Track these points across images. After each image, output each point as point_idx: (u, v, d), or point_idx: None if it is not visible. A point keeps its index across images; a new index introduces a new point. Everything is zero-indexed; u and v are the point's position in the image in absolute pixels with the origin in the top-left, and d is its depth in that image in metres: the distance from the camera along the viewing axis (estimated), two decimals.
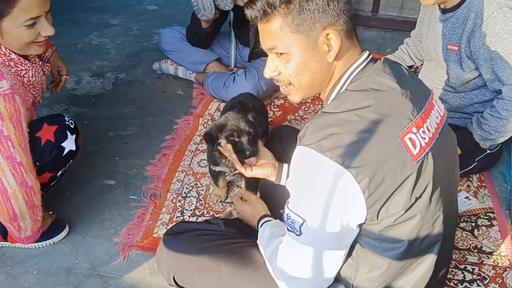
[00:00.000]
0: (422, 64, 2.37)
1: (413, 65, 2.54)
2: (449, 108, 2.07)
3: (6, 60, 1.50)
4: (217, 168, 1.83)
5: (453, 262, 1.72)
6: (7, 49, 1.49)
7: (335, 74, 1.13)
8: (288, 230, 1.12)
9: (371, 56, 1.15)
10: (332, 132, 1.01)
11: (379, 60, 1.14)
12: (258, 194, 1.77)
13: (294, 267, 1.14)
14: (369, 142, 1.00)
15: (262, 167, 1.56)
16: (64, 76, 1.94)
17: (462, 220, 1.91)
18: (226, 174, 1.91)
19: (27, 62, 1.56)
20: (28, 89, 1.59)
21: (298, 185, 1.08)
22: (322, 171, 1.01)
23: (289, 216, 1.10)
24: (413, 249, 1.11)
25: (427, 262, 1.16)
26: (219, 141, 1.64)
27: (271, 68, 1.16)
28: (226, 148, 1.61)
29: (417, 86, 1.15)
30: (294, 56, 1.10)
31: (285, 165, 1.54)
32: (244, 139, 1.59)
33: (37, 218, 1.63)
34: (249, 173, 1.57)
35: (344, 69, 1.12)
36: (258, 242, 1.35)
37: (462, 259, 1.75)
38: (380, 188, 1.00)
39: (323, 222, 1.04)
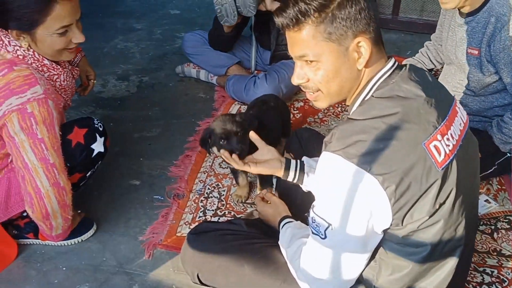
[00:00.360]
0: (442, 67, 2.38)
1: (433, 68, 2.55)
2: (469, 111, 2.08)
3: (39, 65, 1.57)
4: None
5: (472, 265, 1.74)
6: (40, 56, 1.56)
7: (362, 81, 1.15)
8: (313, 233, 1.14)
9: (397, 63, 1.16)
10: (359, 139, 1.03)
11: (405, 67, 1.15)
12: (277, 194, 1.80)
13: (317, 268, 1.17)
14: (396, 149, 1.03)
15: (268, 163, 1.56)
16: (92, 80, 2.01)
17: (481, 223, 1.92)
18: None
19: (58, 67, 1.63)
20: (59, 93, 1.66)
21: (324, 190, 1.10)
22: (348, 178, 1.03)
23: (314, 220, 1.12)
24: (436, 253, 1.14)
25: (449, 265, 1.18)
26: (211, 149, 1.76)
27: (300, 76, 1.16)
28: (222, 154, 1.69)
29: (441, 93, 1.18)
30: (325, 63, 1.11)
31: (293, 161, 1.55)
32: (233, 140, 1.67)
33: (67, 217, 1.70)
34: (254, 169, 1.57)
35: (370, 76, 1.14)
36: (279, 243, 1.38)
37: (481, 262, 1.76)
38: (405, 195, 1.03)
39: (348, 227, 1.06)
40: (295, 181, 1.55)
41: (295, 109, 2.64)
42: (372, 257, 1.17)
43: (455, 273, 1.20)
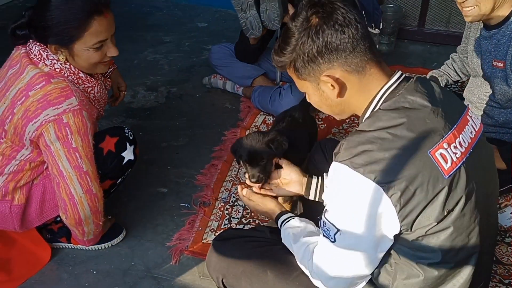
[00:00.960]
0: (468, 79, 2.37)
1: (459, 80, 2.55)
2: (495, 123, 2.07)
3: (75, 78, 1.64)
4: None
5: (497, 277, 1.73)
6: (76, 69, 1.63)
7: (367, 96, 1.19)
8: (324, 235, 1.20)
9: (403, 75, 1.20)
10: (365, 149, 1.08)
11: (411, 79, 1.19)
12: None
13: (329, 268, 1.21)
14: (401, 158, 1.06)
15: (288, 186, 1.63)
16: (123, 92, 2.09)
17: (507, 235, 1.90)
18: None
19: (93, 79, 1.71)
20: (93, 103, 1.74)
21: (333, 198, 1.16)
22: (354, 187, 1.08)
23: (325, 224, 1.18)
24: (449, 260, 1.15)
25: (465, 273, 1.19)
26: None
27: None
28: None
29: (450, 103, 1.20)
30: (309, 95, 1.28)
31: (313, 182, 1.60)
32: (254, 168, 1.62)
33: (99, 223, 1.77)
34: (277, 192, 1.65)
35: (374, 90, 1.18)
36: (283, 241, 1.43)
37: (506, 274, 1.74)
38: (411, 202, 1.06)
39: (356, 232, 1.11)
40: (316, 199, 1.60)
41: (319, 119, 2.67)
42: (387, 261, 1.19)
43: (473, 282, 1.20)
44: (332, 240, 1.16)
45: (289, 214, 1.52)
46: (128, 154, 1.82)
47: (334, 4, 1.15)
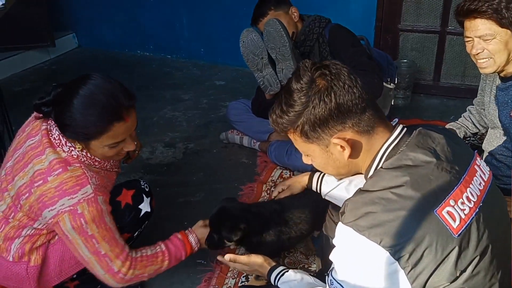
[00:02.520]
0: (486, 131, 2.35)
1: (477, 132, 2.52)
2: None
3: (91, 162, 1.63)
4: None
5: None
6: (92, 155, 1.62)
7: (370, 154, 1.18)
8: None
9: (404, 129, 1.18)
10: (369, 210, 1.05)
11: (414, 132, 1.16)
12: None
13: None
14: (406, 219, 1.03)
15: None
16: (137, 152, 2.10)
17: None
18: None
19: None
20: (111, 170, 1.74)
21: (340, 259, 1.13)
22: (360, 251, 1.05)
23: (332, 283, 1.15)
24: None
25: None
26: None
27: (308, 161, 1.29)
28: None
29: (455, 154, 1.15)
30: (314, 158, 1.24)
31: (316, 174, 1.70)
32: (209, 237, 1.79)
33: (143, 278, 1.72)
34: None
35: (377, 147, 1.17)
36: None
37: None
38: (420, 264, 1.02)
39: None
40: (316, 191, 1.75)
41: None
42: None
43: None
44: None
45: (281, 268, 1.48)
46: (145, 206, 1.82)
47: (337, 65, 1.15)
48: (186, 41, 4.43)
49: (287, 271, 1.46)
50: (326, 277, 1.22)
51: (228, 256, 1.63)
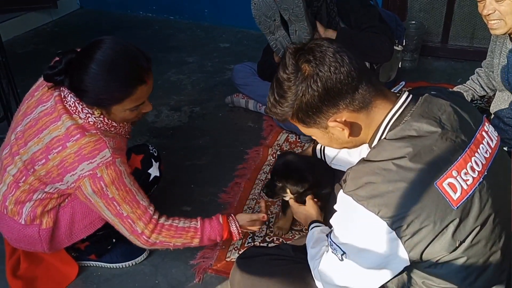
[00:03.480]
0: (494, 94, 2.33)
1: (485, 95, 2.50)
2: None
3: (108, 127, 1.64)
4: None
5: None
6: (109, 120, 1.63)
7: (373, 125, 1.16)
8: (332, 252, 1.19)
9: (409, 97, 1.15)
10: (369, 180, 1.05)
11: (420, 99, 1.14)
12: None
13: (332, 278, 1.22)
14: (406, 191, 1.03)
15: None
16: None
17: None
18: None
19: (125, 123, 1.72)
20: (124, 135, 1.75)
21: (339, 224, 1.16)
22: (358, 219, 1.07)
23: (331, 244, 1.18)
24: (467, 286, 1.12)
25: None
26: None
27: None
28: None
29: (462, 122, 1.13)
30: (317, 138, 1.25)
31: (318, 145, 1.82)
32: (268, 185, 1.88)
33: (169, 245, 1.73)
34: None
35: (379, 119, 1.15)
36: (306, 241, 1.46)
37: None
38: (418, 235, 1.04)
39: (361, 261, 1.12)
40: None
41: None
42: (404, 284, 1.18)
43: None
44: (340, 259, 1.16)
45: (322, 223, 1.55)
46: (154, 171, 1.84)
47: (321, 46, 1.11)
48: (189, 2, 4.33)
49: (324, 227, 1.53)
50: (327, 237, 1.25)
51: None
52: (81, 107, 1.58)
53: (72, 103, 1.58)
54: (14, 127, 1.69)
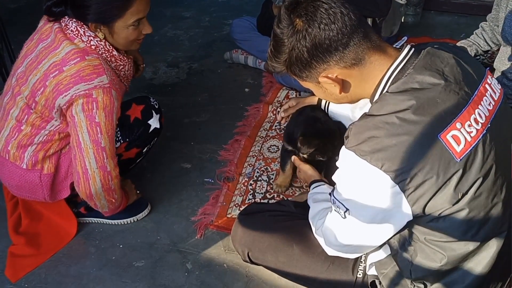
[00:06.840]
0: (498, 49, 2.29)
1: (489, 50, 2.46)
2: None
3: (108, 56, 1.65)
4: (290, 147, 1.89)
5: None
6: (111, 46, 1.65)
7: (374, 80, 1.14)
8: (334, 210, 1.20)
9: (412, 51, 1.13)
10: (372, 135, 1.05)
11: (422, 52, 1.12)
12: None
13: (337, 236, 1.24)
14: (409, 144, 1.02)
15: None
16: (142, 65, 2.07)
17: None
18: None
19: (125, 58, 1.72)
20: (122, 81, 1.75)
21: (342, 181, 1.16)
22: (361, 174, 1.07)
23: (334, 202, 1.19)
24: (469, 239, 1.13)
25: (490, 251, 1.16)
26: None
27: None
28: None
29: (465, 74, 1.11)
30: (313, 91, 1.25)
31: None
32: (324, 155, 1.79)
33: (111, 200, 1.76)
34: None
35: (378, 74, 1.13)
36: (308, 196, 1.49)
37: None
38: (421, 188, 1.04)
39: (365, 216, 1.13)
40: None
41: None
42: (406, 239, 1.19)
43: (505, 260, 1.18)
44: (343, 216, 1.17)
45: (323, 182, 1.56)
46: (154, 122, 1.84)
47: (316, 1, 1.09)
48: None
49: (325, 185, 1.54)
50: (329, 196, 1.25)
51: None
52: (83, 30, 1.60)
53: (74, 28, 1.60)
54: (15, 70, 1.71)
